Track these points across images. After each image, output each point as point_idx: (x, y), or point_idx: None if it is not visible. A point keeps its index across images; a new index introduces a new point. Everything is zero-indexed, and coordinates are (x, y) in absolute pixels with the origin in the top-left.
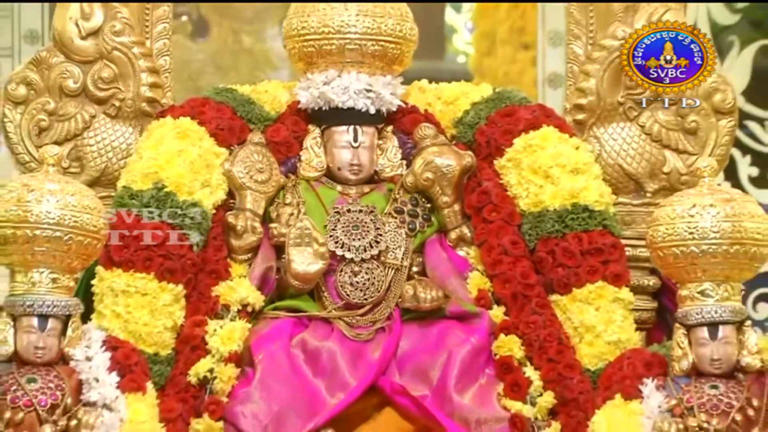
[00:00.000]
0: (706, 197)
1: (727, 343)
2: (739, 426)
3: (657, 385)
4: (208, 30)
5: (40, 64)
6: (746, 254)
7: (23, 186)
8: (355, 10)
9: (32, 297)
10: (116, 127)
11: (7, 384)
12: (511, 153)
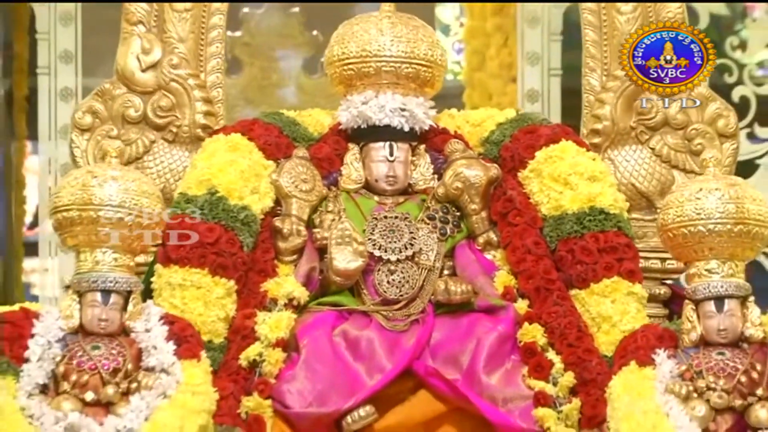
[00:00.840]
0: (712, 182)
1: (732, 315)
2: (744, 386)
3: (668, 354)
4: (240, 68)
5: (104, 95)
6: (749, 234)
7: (87, 173)
8: (390, 35)
9: (96, 274)
10: (173, 151)
11: (74, 350)
12: (533, 164)
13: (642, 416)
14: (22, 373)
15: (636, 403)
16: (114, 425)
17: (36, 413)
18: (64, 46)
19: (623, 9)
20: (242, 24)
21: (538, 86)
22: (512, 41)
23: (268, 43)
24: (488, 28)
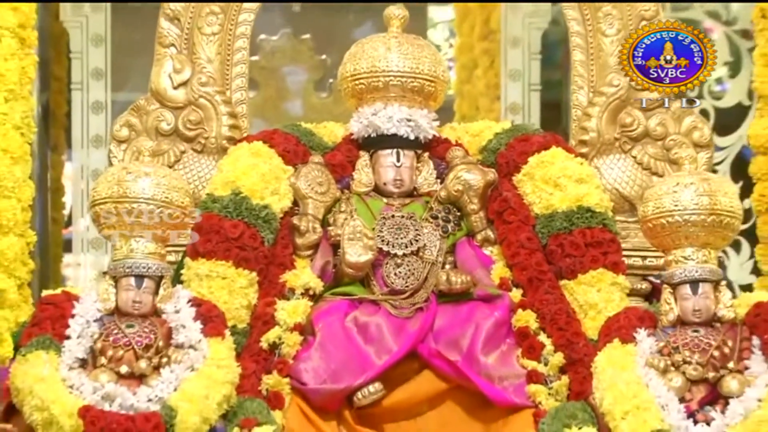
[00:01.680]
0: (687, 177)
1: (706, 297)
2: (716, 360)
3: (648, 333)
4: (257, 88)
5: (139, 110)
6: (721, 224)
7: (122, 169)
8: (397, 53)
9: (131, 261)
10: (202, 161)
11: (110, 329)
12: (527, 169)
13: (624, 386)
14: (64, 349)
15: (619, 375)
16: (146, 394)
17: (76, 383)
18: (95, 64)
19: (608, 32)
20: (259, 49)
21: (520, 100)
22: (497, 63)
23: (281, 66)
24: (476, 51)
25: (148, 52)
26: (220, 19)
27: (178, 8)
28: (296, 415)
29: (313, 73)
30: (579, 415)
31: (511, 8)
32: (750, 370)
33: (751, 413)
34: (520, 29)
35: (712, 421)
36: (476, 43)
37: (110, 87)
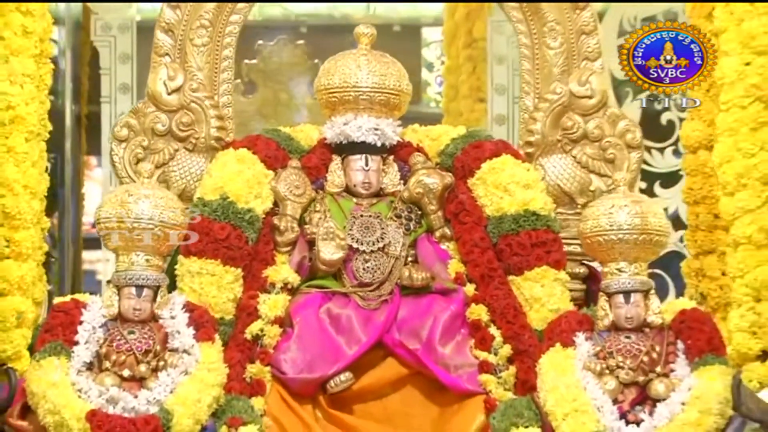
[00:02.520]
0: (622, 200)
1: (637, 305)
2: (645, 365)
3: (586, 336)
4: (255, 89)
5: (137, 112)
6: (651, 241)
7: (124, 192)
8: (366, 70)
9: (132, 272)
10: (193, 158)
11: (113, 335)
12: (480, 174)
13: (565, 390)
14: (73, 354)
15: (560, 379)
16: (146, 397)
17: (84, 388)
18: (122, 80)
19: (552, 45)
20: (257, 53)
21: (505, 111)
22: (479, 69)
23: (278, 69)
24: (460, 59)
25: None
26: (209, 32)
27: (172, 21)
28: (276, 400)
29: (306, 75)
30: (525, 413)
31: (496, 29)
32: (675, 372)
33: (676, 415)
34: (505, 48)
35: (642, 423)
36: (461, 50)
37: (135, 99)
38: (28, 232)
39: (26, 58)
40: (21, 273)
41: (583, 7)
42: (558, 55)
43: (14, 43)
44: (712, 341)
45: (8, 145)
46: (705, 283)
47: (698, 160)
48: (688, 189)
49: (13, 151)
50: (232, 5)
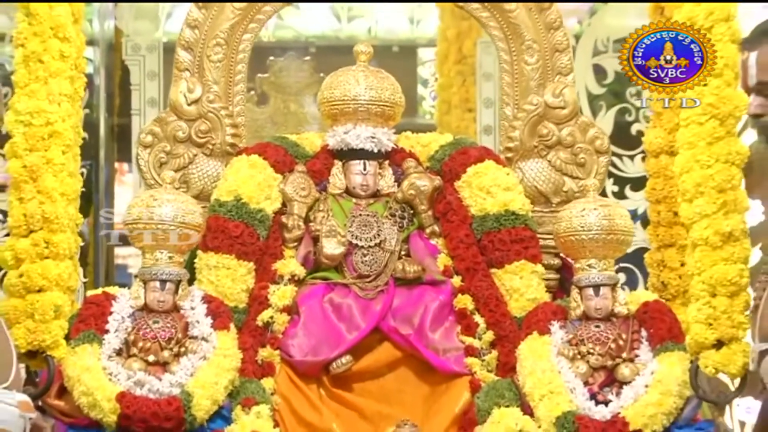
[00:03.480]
0: (592, 203)
1: (605, 298)
2: (613, 351)
3: (560, 325)
4: (267, 100)
5: (161, 121)
6: (617, 240)
7: (149, 196)
8: (363, 85)
9: (156, 268)
10: (210, 162)
11: (140, 324)
12: (465, 177)
13: (541, 374)
14: (104, 341)
15: (537, 364)
16: (169, 380)
17: (114, 372)
18: (150, 94)
19: (529, 61)
20: (269, 68)
21: (492, 123)
22: (468, 82)
23: (287, 82)
24: (452, 74)
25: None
26: (224, 49)
27: (191, 39)
28: (285, 380)
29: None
30: (506, 395)
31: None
32: (639, 358)
33: (640, 397)
34: (492, 67)
35: (609, 402)
36: (452, 66)
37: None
38: (65, 235)
39: (63, 79)
40: (59, 271)
41: (557, 27)
42: (534, 70)
43: (53, 66)
44: (672, 330)
45: (47, 158)
46: (666, 273)
47: (660, 163)
48: (651, 189)
49: (52, 163)
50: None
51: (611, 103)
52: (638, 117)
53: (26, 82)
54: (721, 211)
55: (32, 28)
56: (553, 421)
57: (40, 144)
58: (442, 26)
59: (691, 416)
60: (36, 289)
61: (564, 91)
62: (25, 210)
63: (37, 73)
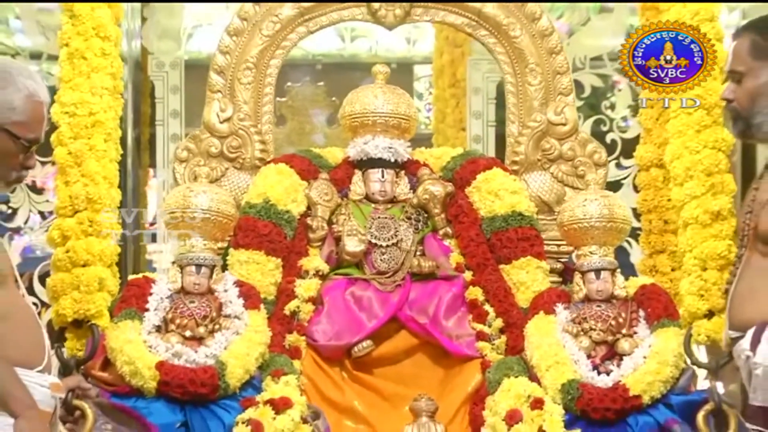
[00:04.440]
0: (593, 194)
1: (605, 281)
2: (613, 327)
3: (564, 307)
4: (285, 121)
5: (195, 138)
6: (616, 228)
7: (186, 188)
8: (382, 100)
9: (192, 254)
10: (240, 175)
11: (177, 303)
12: (475, 183)
13: (548, 347)
14: (144, 318)
15: (543, 339)
16: (204, 352)
17: (153, 344)
18: (173, 107)
19: (533, 82)
20: (287, 93)
21: (480, 133)
22: (461, 104)
23: (303, 105)
24: (446, 95)
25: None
26: (254, 72)
27: (223, 64)
28: (310, 363)
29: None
30: (515, 367)
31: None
32: (638, 334)
33: (639, 366)
34: (481, 81)
35: (611, 372)
36: (447, 89)
37: (184, 123)
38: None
39: (104, 74)
40: (101, 247)
41: (558, 52)
42: (537, 91)
43: (95, 62)
44: (668, 308)
45: (90, 144)
46: (657, 277)
47: (650, 176)
48: (642, 200)
49: (95, 149)
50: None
51: (588, 114)
52: (612, 127)
53: (70, 76)
54: (710, 192)
55: (75, 28)
56: (558, 388)
57: (84, 132)
58: (438, 45)
59: (686, 386)
60: (81, 264)
61: (565, 110)
62: (71, 192)
63: (81, 68)
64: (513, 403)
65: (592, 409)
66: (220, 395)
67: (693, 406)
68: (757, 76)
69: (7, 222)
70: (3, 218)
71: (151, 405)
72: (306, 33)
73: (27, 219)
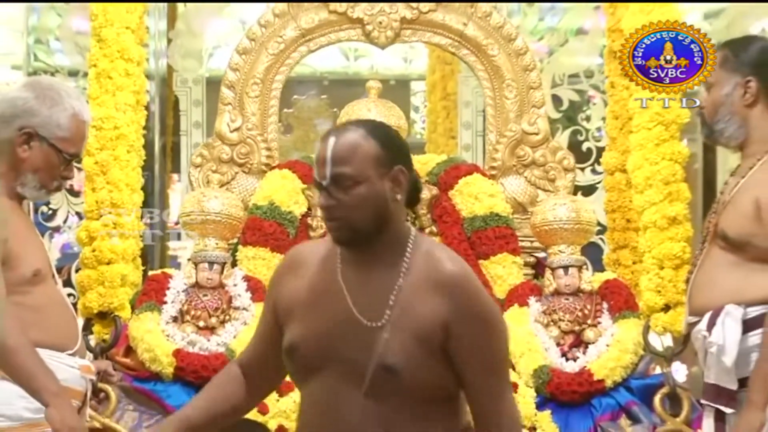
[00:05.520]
0: (562, 199)
1: (573, 276)
2: (580, 318)
3: (536, 299)
4: (291, 130)
5: (208, 146)
6: (582, 230)
7: (200, 193)
8: (374, 112)
9: (205, 252)
10: (248, 179)
11: (192, 296)
12: (457, 187)
13: (521, 336)
14: (163, 310)
15: (518, 328)
16: (216, 341)
17: (170, 334)
18: (195, 118)
19: (508, 96)
20: (293, 104)
21: (470, 142)
22: (452, 115)
23: (308, 116)
24: (438, 107)
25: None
26: (260, 87)
27: (233, 80)
28: None
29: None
30: None
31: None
32: (601, 324)
33: (602, 354)
34: (470, 95)
35: (578, 359)
36: (439, 102)
37: (205, 133)
38: (128, 218)
39: (128, 92)
40: (124, 247)
41: (531, 69)
42: (513, 104)
43: (119, 81)
44: (628, 301)
45: (115, 155)
46: (620, 270)
47: (615, 180)
48: (608, 201)
49: (119, 159)
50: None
51: (566, 126)
52: (588, 137)
53: (98, 94)
54: (667, 200)
55: (102, 50)
56: (531, 373)
57: (109, 144)
58: (431, 63)
59: (644, 370)
60: (106, 262)
61: (537, 121)
62: (97, 197)
63: (107, 86)
64: None
65: (561, 392)
66: None
67: (651, 389)
68: (722, 86)
69: (48, 221)
70: (44, 218)
71: (168, 388)
72: (307, 52)
73: (66, 218)
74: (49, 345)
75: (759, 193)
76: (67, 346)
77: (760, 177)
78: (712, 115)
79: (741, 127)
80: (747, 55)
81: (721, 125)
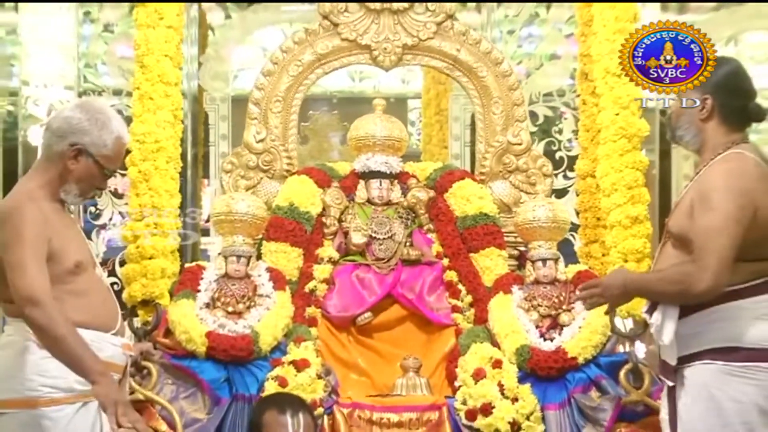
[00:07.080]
0: (541, 202)
1: (551, 268)
2: (556, 304)
3: (518, 288)
4: (308, 141)
5: (237, 154)
6: (558, 228)
7: (229, 197)
8: (380, 126)
9: (234, 247)
10: (272, 183)
11: (222, 285)
12: (452, 190)
13: (506, 320)
14: (197, 297)
15: (503, 313)
16: (243, 324)
17: (203, 318)
18: (222, 131)
19: (495, 111)
20: (309, 119)
21: (459, 151)
22: (444, 128)
23: (322, 128)
24: (432, 122)
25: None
26: (282, 103)
27: (258, 97)
28: (324, 330)
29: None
30: (481, 335)
31: (454, 101)
32: (575, 309)
33: (575, 335)
34: (459, 111)
35: (554, 339)
36: (433, 117)
37: (231, 144)
38: (167, 219)
39: (167, 111)
40: (164, 244)
41: (515, 89)
42: (499, 118)
43: (159, 102)
44: None
45: (155, 165)
46: (591, 261)
47: (587, 183)
48: (581, 202)
49: (159, 169)
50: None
51: (541, 138)
52: (560, 147)
53: (140, 113)
54: (630, 202)
55: (144, 75)
56: (514, 351)
57: (151, 156)
58: (426, 84)
59: (611, 349)
60: (148, 257)
61: (520, 133)
62: (140, 201)
63: (148, 106)
64: (479, 363)
65: (540, 368)
66: (254, 357)
67: (617, 365)
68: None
69: (95, 220)
70: (92, 217)
71: (202, 365)
72: (322, 74)
73: (111, 217)
74: (94, 326)
75: (694, 193)
76: (110, 326)
77: (699, 179)
78: (675, 121)
79: (696, 136)
80: (713, 75)
81: (681, 132)
